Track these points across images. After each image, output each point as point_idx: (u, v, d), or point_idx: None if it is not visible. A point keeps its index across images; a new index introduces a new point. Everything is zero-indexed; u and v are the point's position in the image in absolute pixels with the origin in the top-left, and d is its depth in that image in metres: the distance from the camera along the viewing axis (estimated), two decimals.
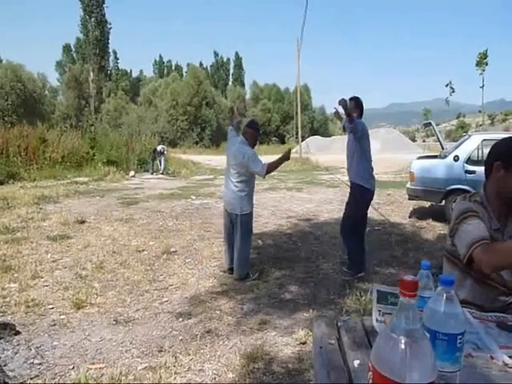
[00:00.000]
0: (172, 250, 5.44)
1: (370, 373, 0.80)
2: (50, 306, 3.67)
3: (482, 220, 1.67)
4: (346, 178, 5.12)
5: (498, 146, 1.75)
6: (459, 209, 1.75)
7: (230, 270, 4.50)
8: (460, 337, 0.95)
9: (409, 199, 7.81)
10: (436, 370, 0.76)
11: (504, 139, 1.75)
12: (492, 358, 1.13)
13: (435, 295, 1.00)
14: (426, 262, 1.16)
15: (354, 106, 4.41)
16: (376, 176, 4.61)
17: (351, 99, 4.48)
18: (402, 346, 0.75)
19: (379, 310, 1.28)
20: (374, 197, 4.70)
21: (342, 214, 4.77)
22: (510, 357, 1.11)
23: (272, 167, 4.28)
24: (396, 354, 0.75)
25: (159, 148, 16.16)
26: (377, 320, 1.29)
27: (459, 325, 0.96)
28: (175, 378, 2.58)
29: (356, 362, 1.12)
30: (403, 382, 0.73)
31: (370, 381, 0.80)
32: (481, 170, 1.96)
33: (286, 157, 4.29)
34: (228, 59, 65.47)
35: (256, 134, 4.51)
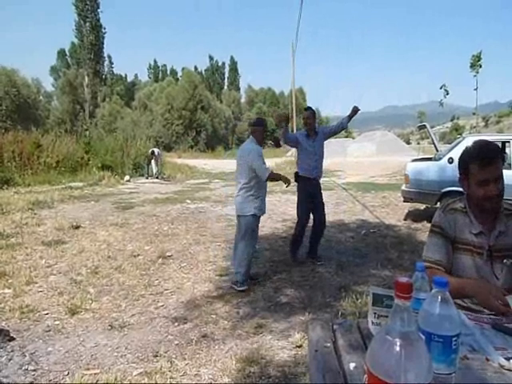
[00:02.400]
0: (167, 254, 5.42)
1: (366, 375, 0.80)
2: (45, 312, 3.64)
3: (442, 236, 1.81)
4: (341, 181, 5.20)
5: (459, 159, 1.84)
6: (432, 220, 1.90)
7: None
8: (455, 338, 0.95)
9: (404, 201, 7.83)
10: (431, 372, 0.76)
11: (462, 151, 1.83)
12: (487, 359, 1.12)
13: (430, 297, 1.00)
14: (422, 263, 1.16)
15: (314, 116, 5.02)
16: (372, 179, 4.65)
17: (308, 109, 5.12)
18: (397, 349, 0.75)
19: (375, 313, 1.28)
20: (369, 199, 4.73)
21: (336, 217, 4.81)
22: (505, 358, 1.11)
23: (275, 175, 4.33)
24: (391, 357, 0.75)
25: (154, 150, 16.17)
26: (372, 323, 1.28)
27: (454, 326, 0.96)
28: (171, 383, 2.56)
29: (352, 365, 1.11)
30: None
31: (366, 383, 0.80)
32: None
33: (285, 179, 4.29)
34: (223, 63, 65.66)
35: (263, 130, 4.44)
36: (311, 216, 5.18)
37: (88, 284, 4.34)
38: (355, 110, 4.92)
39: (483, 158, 1.71)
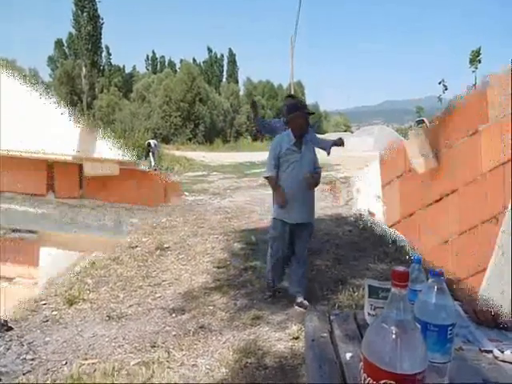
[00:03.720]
0: (165, 246, 5.42)
1: (362, 363, 0.81)
2: (43, 302, 3.66)
3: None
4: (340, 175, 5.15)
5: None
6: None
7: None
8: (450, 328, 0.96)
9: None
10: (426, 360, 0.77)
11: None
12: (482, 351, 1.14)
13: (426, 287, 1.01)
14: (418, 256, 1.17)
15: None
16: None
17: (291, 97, 5.11)
18: (393, 337, 0.76)
19: (371, 304, 1.29)
20: None
21: (334, 211, 4.83)
22: (499, 350, 1.12)
23: (272, 185, 3.64)
24: (387, 344, 0.76)
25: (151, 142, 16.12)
26: (369, 314, 1.29)
27: (450, 316, 0.97)
28: (168, 373, 2.58)
29: (348, 355, 1.12)
30: (394, 371, 0.73)
31: (362, 371, 0.81)
32: None
33: (278, 195, 3.58)
34: (222, 55, 65.14)
35: (297, 117, 3.45)
36: None
37: (86, 275, 4.35)
38: (341, 142, 4.48)
39: None
